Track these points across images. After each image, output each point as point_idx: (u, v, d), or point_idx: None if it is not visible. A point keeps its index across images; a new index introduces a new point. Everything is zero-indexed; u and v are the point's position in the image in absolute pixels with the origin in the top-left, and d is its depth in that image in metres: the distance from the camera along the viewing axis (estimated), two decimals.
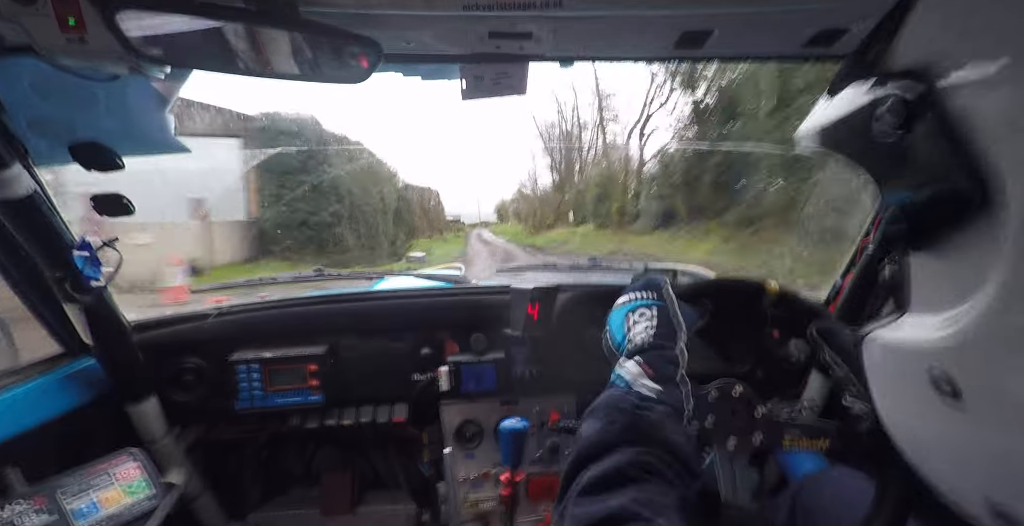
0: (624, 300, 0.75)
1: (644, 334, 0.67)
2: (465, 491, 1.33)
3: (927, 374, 0.33)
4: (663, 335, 0.67)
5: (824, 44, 0.84)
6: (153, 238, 6.29)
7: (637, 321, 0.69)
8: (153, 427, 1.22)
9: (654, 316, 0.69)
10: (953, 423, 0.32)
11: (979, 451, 0.32)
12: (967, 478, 0.35)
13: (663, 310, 0.70)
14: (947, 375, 0.31)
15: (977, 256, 0.29)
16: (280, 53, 0.74)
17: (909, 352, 0.36)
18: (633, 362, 0.64)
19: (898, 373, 0.38)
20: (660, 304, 0.70)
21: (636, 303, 0.72)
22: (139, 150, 1.06)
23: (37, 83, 0.83)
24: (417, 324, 1.35)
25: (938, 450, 0.37)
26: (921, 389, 0.33)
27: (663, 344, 0.66)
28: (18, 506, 0.83)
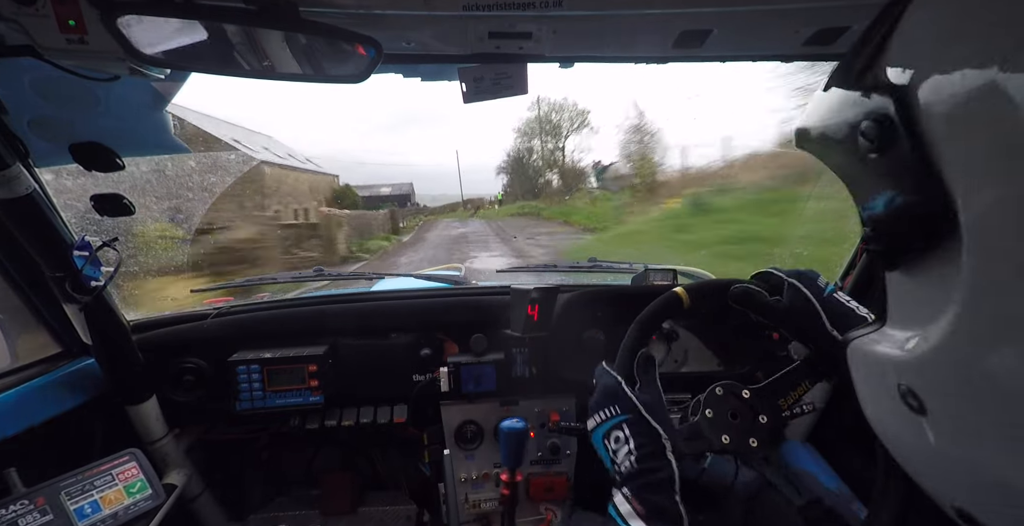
0: (592, 424, 0.70)
1: (627, 462, 0.63)
2: (465, 491, 1.32)
3: (896, 390, 0.34)
4: (648, 454, 0.62)
5: (823, 43, 0.84)
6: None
7: (615, 448, 0.65)
8: (153, 427, 1.22)
9: (628, 437, 0.64)
10: (921, 436, 0.34)
11: (944, 463, 0.33)
12: (937, 482, 0.36)
13: (634, 422, 0.65)
14: (913, 391, 0.33)
15: (944, 279, 0.30)
16: (280, 54, 0.74)
17: (882, 365, 0.37)
18: (622, 496, 0.61)
19: (874, 384, 0.40)
20: (627, 417, 0.66)
21: (605, 425, 0.67)
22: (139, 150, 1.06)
23: (37, 83, 0.83)
24: (417, 325, 1.35)
25: (914, 455, 0.38)
26: (894, 401, 0.35)
27: (650, 467, 0.61)
28: (20, 506, 0.83)
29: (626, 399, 0.68)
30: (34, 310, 1.10)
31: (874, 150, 0.32)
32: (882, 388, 0.37)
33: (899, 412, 0.35)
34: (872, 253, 0.37)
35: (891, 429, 0.39)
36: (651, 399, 0.69)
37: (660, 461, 0.62)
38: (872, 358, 0.39)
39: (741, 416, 0.72)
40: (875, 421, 0.42)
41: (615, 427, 0.66)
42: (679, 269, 1.49)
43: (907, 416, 0.34)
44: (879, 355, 0.38)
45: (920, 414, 0.33)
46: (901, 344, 0.35)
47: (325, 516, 1.53)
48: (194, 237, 2.50)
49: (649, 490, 0.60)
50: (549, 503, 1.33)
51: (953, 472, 0.33)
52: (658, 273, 1.43)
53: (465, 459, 1.33)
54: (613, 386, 0.71)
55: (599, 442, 0.69)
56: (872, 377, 0.40)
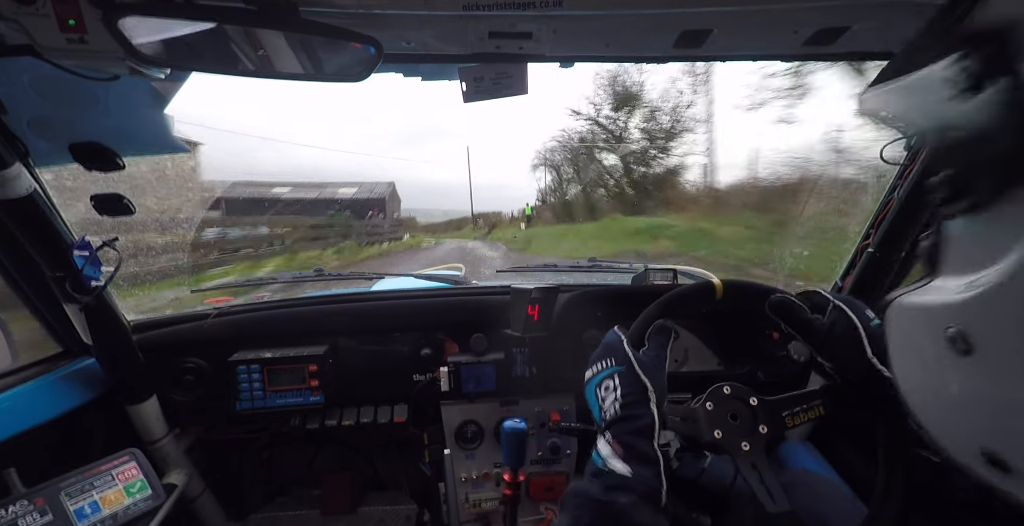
0: (589, 374, 0.73)
1: (612, 408, 0.65)
2: (465, 491, 1.32)
3: (944, 333, 0.36)
4: (632, 402, 0.65)
5: (823, 43, 0.84)
6: None
7: (604, 395, 0.68)
8: (153, 427, 1.22)
9: (617, 385, 0.67)
10: (963, 378, 0.36)
11: (983, 404, 0.35)
12: (966, 428, 0.38)
13: (625, 374, 0.68)
14: (963, 333, 0.34)
15: (1012, 223, 0.32)
16: (280, 53, 0.74)
17: (931, 312, 0.39)
18: (604, 440, 0.63)
19: (917, 332, 0.41)
20: (621, 369, 0.68)
21: (600, 375, 0.70)
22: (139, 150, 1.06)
23: (37, 83, 0.83)
24: (417, 324, 1.35)
25: (944, 404, 0.39)
26: (937, 347, 0.36)
27: (632, 414, 0.64)
28: (20, 506, 0.83)
29: (622, 353, 0.70)
30: (34, 310, 1.10)
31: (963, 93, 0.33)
32: (926, 336, 0.38)
33: (942, 357, 0.36)
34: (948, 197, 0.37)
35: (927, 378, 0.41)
36: (649, 359, 0.70)
37: (642, 409, 0.64)
38: (919, 308, 0.40)
39: (742, 420, 0.72)
40: (908, 374, 0.43)
41: (607, 377, 0.69)
42: (679, 269, 1.49)
43: (950, 360, 0.35)
44: (928, 303, 0.39)
45: (965, 355, 0.34)
46: (955, 290, 0.36)
47: (325, 516, 1.53)
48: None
49: (630, 434, 0.62)
50: (549, 503, 1.33)
51: (991, 413, 0.35)
52: (658, 273, 1.43)
53: (465, 459, 1.33)
54: (615, 342, 0.73)
55: (592, 392, 0.71)
56: (914, 327, 0.41)
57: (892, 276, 1.23)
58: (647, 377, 0.67)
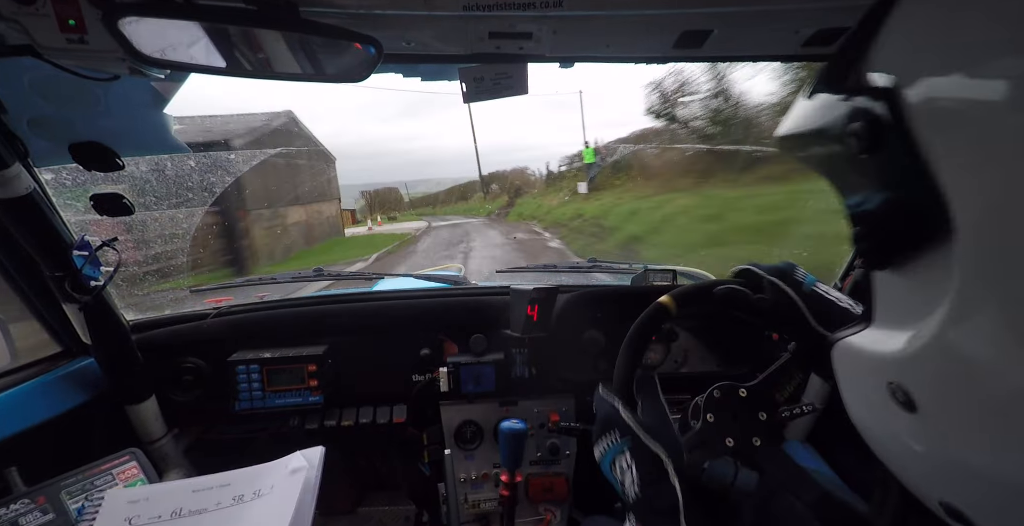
0: (598, 453, 0.70)
1: (632, 490, 0.63)
2: (465, 491, 1.32)
3: (886, 387, 0.34)
4: (650, 479, 0.62)
5: (823, 44, 0.84)
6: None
7: (622, 477, 0.65)
8: (152, 427, 1.21)
9: (631, 464, 0.64)
10: (910, 433, 0.34)
11: (933, 460, 0.34)
12: (922, 480, 0.37)
13: (635, 449, 0.64)
14: (903, 389, 0.33)
15: (935, 278, 0.30)
16: (280, 54, 0.74)
17: (871, 363, 0.37)
18: (629, 524, 0.61)
19: (862, 381, 0.40)
20: (629, 444, 0.65)
21: (609, 454, 0.67)
22: (139, 150, 1.06)
23: (37, 83, 0.83)
24: (417, 325, 1.35)
25: (897, 454, 0.38)
26: (882, 399, 0.35)
27: (653, 493, 0.61)
28: (21, 505, 0.83)
29: (623, 424, 0.67)
30: (34, 310, 1.10)
31: (864, 150, 0.32)
32: (869, 387, 0.37)
33: (887, 410, 0.35)
34: (861, 252, 0.37)
35: (877, 428, 0.40)
36: (652, 420, 0.68)
37: (663, 485, 0.61)
38: (860, 357, 0.39)
39: (741, 416, 0.72)
40: (860, 420, 0.42)
41: (618, 455, 0.66)
42: (678, 269, 1.50)
43: (896, 414, 0.34)
44: (867, 354, 0.38)
45: (909, 411, 0.33)
46: (891, 343, 0.35)
47: (325, 516, 1.53)
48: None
49: (654, 516, 0.59)
50: (548, 503, 1.34)
51: (941, 468, 0.33)
52: (657, 273, 1.43)
53: (465, 459, 1.33)
54: (611, 412, 0.70)
55: (607, 471, 0.68)
56: (859, 376, 0.41)
57: None
58: (658, 445, 0.64)
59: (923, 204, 0.29)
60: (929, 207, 0.29)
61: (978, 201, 0.27)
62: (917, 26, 0.30)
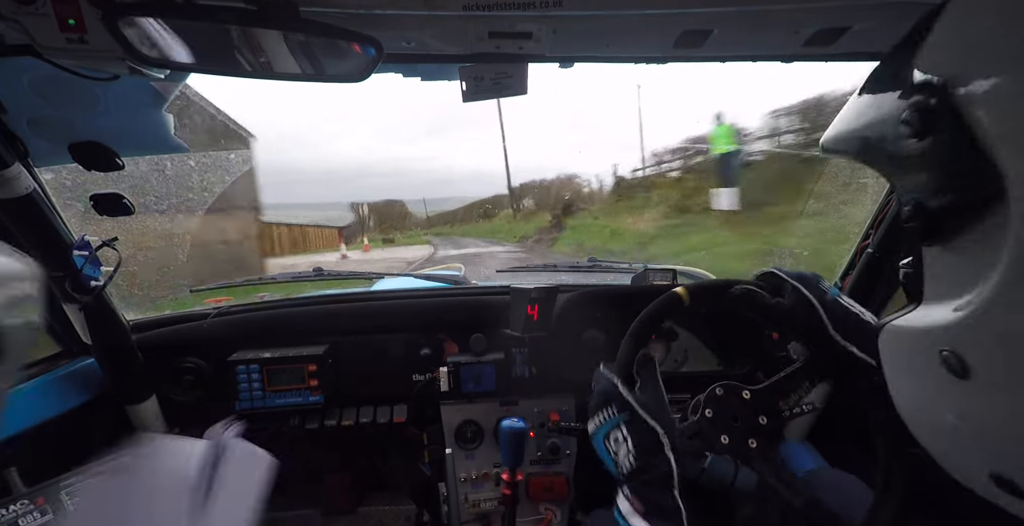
0: (593, 427, 0.71)
1: (626, 461, 0.64)
2: (465, 491, 1.33)
3: (939, 356, 0.36)
4: (645, 451, 0.63)
5: (823, 44, 0.84)
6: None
7: (616, 449, 0.66)
8: (152, 427, 1.22)
9: (626, 436, 0.64)
10: (964, 401, 0.35)
11: (988, 427, 0.35)
12: (972, 453, 0.38)
13: (632, 423, 0.65)
14: (957, 355, 0.34)
15: (984, 250, 0.32)
16: (280, 53, 0.74)
17: (922, 337, 0.39)
18: (623, 497, 0.62)
19: (912, 358, 0.41)
20: (626, 417, 0.66)
21: (605, 427, 0.68)
22: (139, 150, 1.06)
23: (37, 83, 0.83)
24: (417, 324, 1.35)
25: (947, 428, 0.39)
26: (933, 371, 0.36)
27: (648, 464, 0.62)
28: (21, 506, 0.83)
29: (622, 399, 0.68)
30: None
31: (918, 135, 0.35)
32: (921, 361, 0.38)
33: (939, 381, 0.36)
34: (912, 233, 0.39)
35: (926, 403, 0.41)
36: (649, 398, 0.69)
37: (658, 458, 0.62)
38: (910, 333, 0.41)
39: (741, 417, 0.72)
40: (907, 400, 0.43)
41: (614, 428, 0.67)
42: (679, 269, 1.50)
43: (948, 383, 0.35)
44: (919, 329, 0.39)
45: (963, 377, 0.34)
46: (943, 314, 0.36)
47: (325, 516, 1.53)
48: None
49: (648, 488, 0.60)
50: (549, 503, 1.33)
51: (994, 435, 0.34)
52: (658, 273, 1.43)
53: (465, 459, 1.33)
54: (609, 388, 0.71)
55: (600, 445, 0.69)
56: (909, 352, 0.42)
57: (892, 276, 1.24)
58: (655, 420, 0.65)
59: (978, 181, 0.32)
60: (979, 182, 0.31)
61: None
62: (967, 26, 0.33)
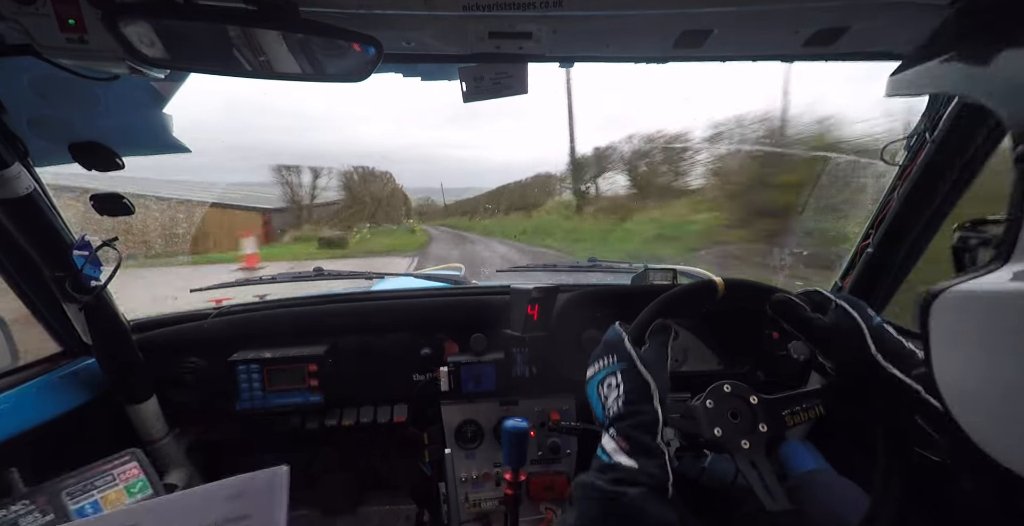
0: (591, 373, 0.74)
1: (615, 405, 0.66)
2: (465, 491, 1.33)
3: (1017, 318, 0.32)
4: (635, 398, 0.65)
5: (823, 44, 0.84)
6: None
7: (607, 393, 0.68)
8: (153, 427, 1.22)
9: (620, 383, 0.67)
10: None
11: None
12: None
13: (627, 371, 0.68)
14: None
15: None
16: (280, 53, 0.74)
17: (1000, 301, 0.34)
18: (608, 436, 0.64)
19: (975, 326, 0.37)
20: (623, 366, 0.68)
21: (601, 373, 0.71)
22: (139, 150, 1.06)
23: (37, 83, 0.83)
24: (417, 324, 1.35)
25: (1000, 406, 0.35)
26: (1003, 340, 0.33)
27: (636, 410, 0.64)
28: (21, 506, 0.83)
29: (624, 350, 0.70)
30: (34, 310, 1.10)
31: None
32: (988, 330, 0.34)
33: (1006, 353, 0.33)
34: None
35: (977, 373, 0.37)
36: (650, 356, 0.70)
37: (646, 405, 0.64)
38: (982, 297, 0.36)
39: (742, 418, 0.72)
40: (951, 372, 0.39)
41: (609, 375, 0.69)
42: (679, 269, 1.50)
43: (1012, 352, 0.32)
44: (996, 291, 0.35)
45: None
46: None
47: (325, 516, 1.53)
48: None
49: (634, 429, 0.62)
50: (549, 503, 1.34)
51: None
52: (658, 273, 1.43)
53: (465, 459, 1.34)
54: (616, 339, 0.73)
55: (593, 391, 0.71)
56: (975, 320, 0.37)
57: (892, 276, 1.24)
58: (649, 374, 0.67)
59: None
60: None
61: None
62: None
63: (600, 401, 0.69)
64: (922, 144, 1.06)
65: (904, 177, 1.12)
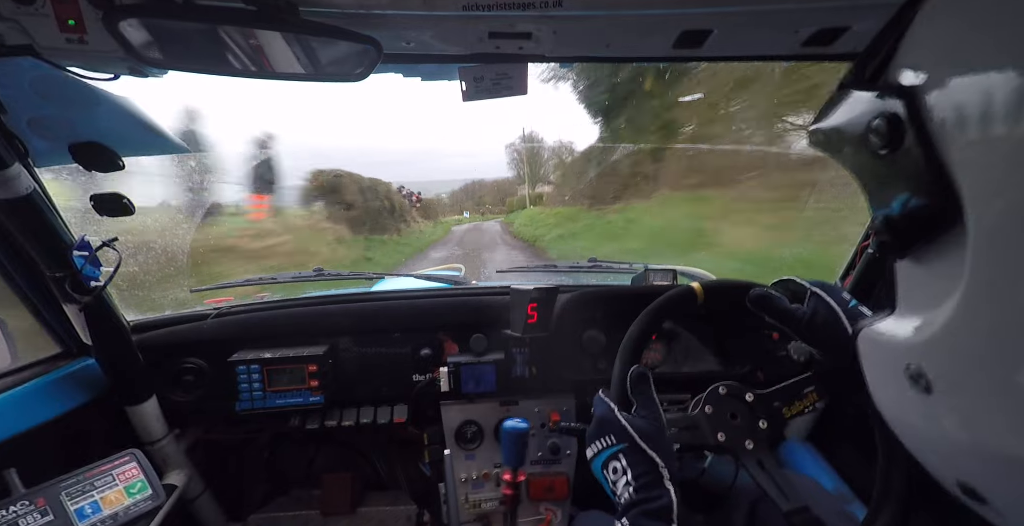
0: (591, 454, 0.71)
1: (626, 492, 0.63)
2: (465, 491, 1.32)
3: (905, 370, 0.36)
4: (644, 483, 0.63)
5: (823, 43, 0.84)
6: None
7: (614, 478, 0.65)
8: (153, 428, 1.21)
9: (625, 467, 0.64)
10: (927, 414, 0.36)
11: (950, 441, 0.35)
12: (940, 461, 0.39)
13: (630, 451, 0.65)
14: (921, 371, 0.35)
15: (950, 266, 0.32)
16: (280, 54, 0.74)
17: (891, 348, 0.39)
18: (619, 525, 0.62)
19: (882, 366, 0.42)
20: (623, 446, 0.66)
21: (603, 456, 0.68)
22: (139, 150, 1.06)
23: (37, 83, 0.83)
24: (417, 325, 1.35)
25: (917, 436, 0.40)
26: (901, 383, 0.37)
27: (647, 496, 0.62)
28: (21, 507, 0.83)
29: (620, 428, 0.68)
30: (33, 310, 1.10)
31: (884, 147, 0.34)
32: (890, 371, 0.39)
33: (906, 393, 0.36)
34: (881, 244, 0.38)
35: (898, 410, 0.41)
36: (647, 424, 0.68)
37: (658, 490, 0.62)
38: (881, 342, 0.41)
39: (741, 418, 0.72)
40: (883, 404, 0.43)
41: (612, 457, 0.66)
42: (679, 269, 1.50)
43: (914, 396, 0.36)
44: (888, 339, 0.40)
45: (927, 393, 0.34)
46: (909, 328, 0.36)
47: (325, 516, 1.53)
48: None
49: (647, 517, 0.60)
50: (549, 503, 1.33)
51: (957, 449, 0.35)
52: (658, 273, 1.43)
53: (465, 459, 1.33)
54: (607, 414, 0.71)
55: (599, 472, 0.69)
56: (881, 361, 0.42)
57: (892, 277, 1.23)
58: (653, 450, 0.65)
59: (938, 201, 0.31)
60: (944, 204, 0.30)
61: (991, 205, 0.28)
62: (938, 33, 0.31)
63: (608, 484, 0.67)
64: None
65: None
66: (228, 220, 7.69)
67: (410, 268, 7.13)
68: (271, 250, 7.96)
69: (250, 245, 7.60)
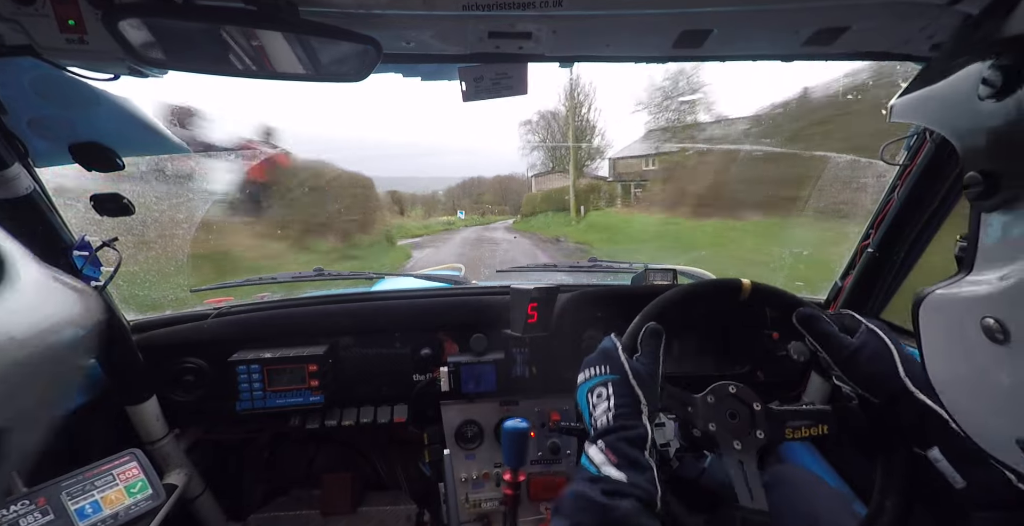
0: (582, 378, 0.74)
1: (604, 417, 0.65)
2: (465, 491, 1.32)
3: (980, 323, 0.38)
4: (624, 413, 0.65)
5: (823, 43, 0.84)
6: None
7: (596, 403, 0.68)
8: (153, 428, 1.22)
9: (610, 394, 0.67)
10: (1000, 366, 0.37)
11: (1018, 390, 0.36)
12: (1002, 418, 0.39)
13: (619, 383, 0.68)
14: (1000, 322, 0.36)
15: None
16: (280, 54, 0.74)
17: (966, 305, 0.40)
18: (596, 448, 0.63)
19: (952, 326, 0.42)
20: (615, 377, 0.68)
21: (592, 381, 0.71)
22: (139, 150, 1.06)
23: (37, 83, 0.83)
24: (417, 324, 1.35)
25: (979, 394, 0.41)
26: (973, 337, 0.38)
27: (624, 424, 0.64)
28: (21, 506, 0.83)
29: (618, 363, 0.71)
30: None
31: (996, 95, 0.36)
32: (961, 328, 0.40)
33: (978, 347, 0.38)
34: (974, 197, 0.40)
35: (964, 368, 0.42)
36: (643, 369, 0.71)
37: (635, 421, 0.65)
38: (955, 300, 0.42)
39: (740, 419, 0.72)
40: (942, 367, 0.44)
41: (600, 384, 0.69)
42: (679, 269, 1.49)
43: (987, 349, 0.37)
44: (963, 296, 0.41)
45: (1003, 342, 0.36)
46: (990, 282, 0.38)
47: (325, 516, 1.53)
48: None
49: (623, 442, 0.62)
50: (549, 503, 1.33)
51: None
52: (658, 273, 1.43)
53: (465, 459, 1.33)
54: (610, 349, 0.74)
55: (583, 396, 0.72)
56: (951, 320, 0.43)
57: (891, 276, 1.24)
58: (641, 389, 0.67)
59: None
60: None
61: None
62: None
63: (588, 409, 0.69)
64: (922, 144, 1.06)
65: (904, 177, 1.12)
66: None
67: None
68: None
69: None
